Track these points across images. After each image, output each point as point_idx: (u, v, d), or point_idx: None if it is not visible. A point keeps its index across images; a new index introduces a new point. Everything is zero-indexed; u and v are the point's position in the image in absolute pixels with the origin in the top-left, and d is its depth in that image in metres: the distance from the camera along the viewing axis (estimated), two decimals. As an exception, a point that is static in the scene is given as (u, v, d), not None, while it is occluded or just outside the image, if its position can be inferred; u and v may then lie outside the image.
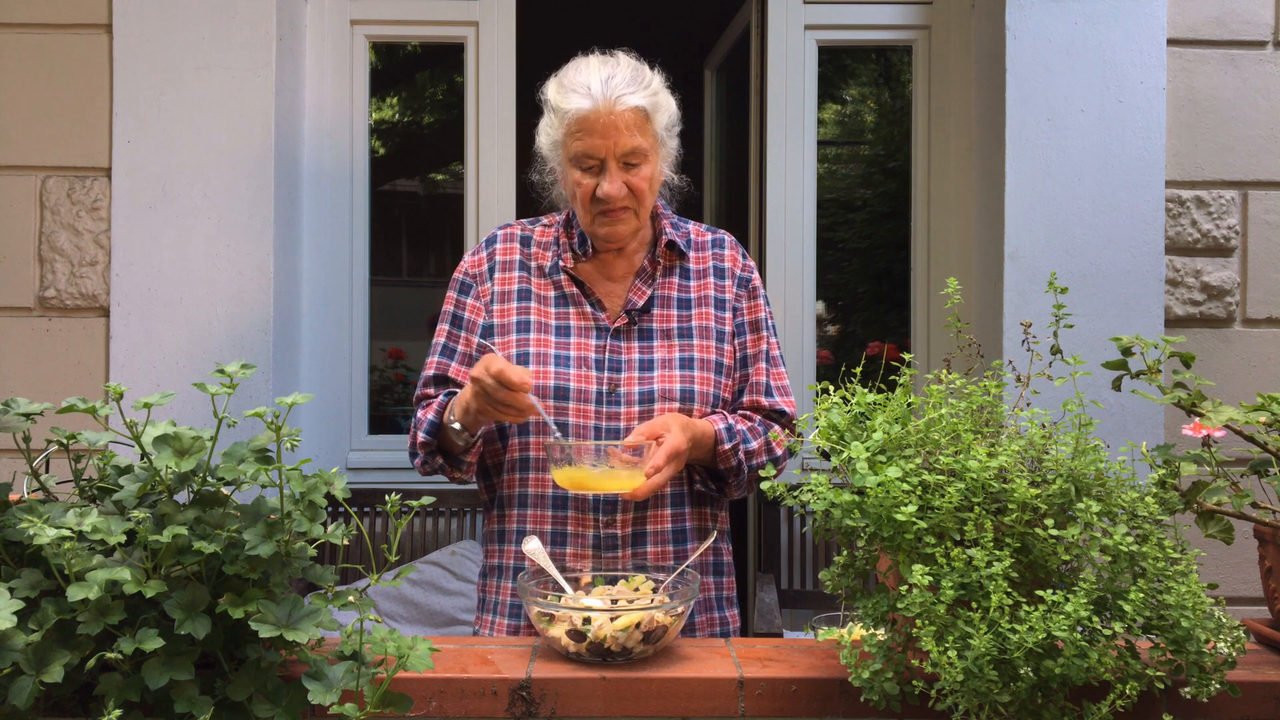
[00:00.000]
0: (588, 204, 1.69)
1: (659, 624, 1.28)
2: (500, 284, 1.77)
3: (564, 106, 1.66)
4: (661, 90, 1.72)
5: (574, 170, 1.69)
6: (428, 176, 6.22)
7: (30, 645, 1.09)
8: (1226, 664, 1.16)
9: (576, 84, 1.66)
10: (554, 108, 1.69)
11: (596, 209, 1.69)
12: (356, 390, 2.94)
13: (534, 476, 1.71)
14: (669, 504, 1.72)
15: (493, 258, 1.79)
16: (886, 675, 1.16)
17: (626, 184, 1.67)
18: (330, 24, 2.89)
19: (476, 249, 1.82)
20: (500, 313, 1.75)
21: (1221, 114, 2.64)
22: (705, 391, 1.73)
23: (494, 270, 1.78)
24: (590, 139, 1.64)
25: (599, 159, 1.66)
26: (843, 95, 4.95)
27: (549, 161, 1.76)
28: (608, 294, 1.77)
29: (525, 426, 1.72)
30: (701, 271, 1.81)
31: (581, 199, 1.69)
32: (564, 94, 1.67)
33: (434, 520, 2.85)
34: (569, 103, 1.65)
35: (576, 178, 1.68)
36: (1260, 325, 2.66)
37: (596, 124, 1.64)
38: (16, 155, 2.55)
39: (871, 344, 3.84)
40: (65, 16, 2.55)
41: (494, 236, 1.82)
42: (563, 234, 1.80)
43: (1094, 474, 1.20)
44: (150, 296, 2.53)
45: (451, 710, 1.23)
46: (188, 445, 1.19)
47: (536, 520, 1.70)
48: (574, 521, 1.69)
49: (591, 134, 1.64)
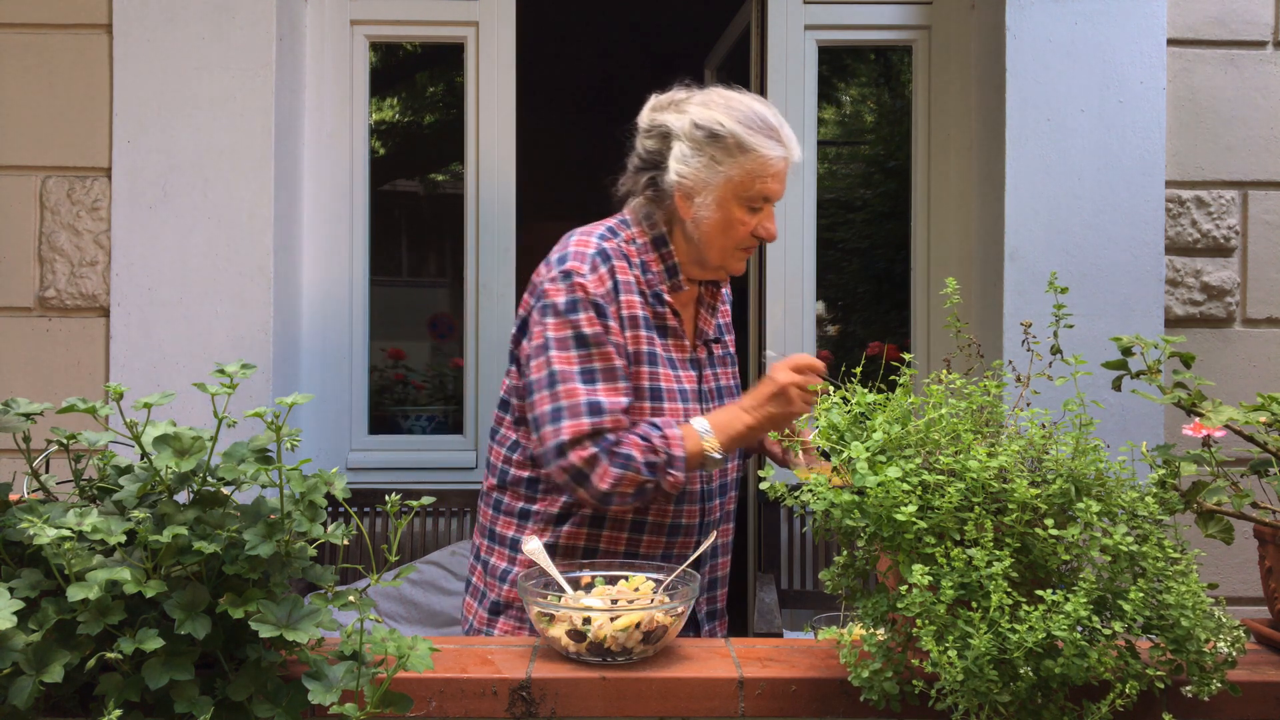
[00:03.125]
0: (741, 241, 1.73)
1: (659, 624, 1.28)
2: (627, 308, 1.70)
3: (762, 150, 1.67)
4: None
5: (740, 208, 1.70)
6: (428, 176, 6.22)
7: (30, 645, 1.09)
8: (1226, 664, 1.16)
9: (759, 124, 1.69)
10: (742, 145, 1.67)
11: (744, 246, 1.74)
12: (356, 390, 2.94)
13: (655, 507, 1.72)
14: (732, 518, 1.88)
15: (614, 276, 1.69)
16: (886, 675, 1.16)
17: None
18: (330, 24, 2.89)
19: (593, 265, 1.68)
20: (634, 340, 1.70)
21: (1221, 114, 2.64)
22: None
23: (619, 291, 1.69)
24: (777, 185, 1.71)
25: (771, 201, 1.72)
26: (843, 95, 4.94)
27: (689, 189, 1.70)
28: (685, 321, 1.82)
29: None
30: (725, 296, 1.91)
31: (740, 238, 1.72)
32: (751, 133, 1.68)
33: (434, 520, 2.85)
34: (767, 148, 1.68)
35: (741, 216, 1.70)
36: (1260, 325, 2.66)
37: (783, 173, 1.71)
38: (16, 155, 2.55)
39: (871, 344, 3.83)
40: (65, 16, 2.55)
41: (605, 253, 1.70)
42: (652, 258, 1.75)
43: (1094, 474, 1.20)
44: (150, 296, 2.53)
45: (451, 710, 1.23)
46: (188, 445, 1.19)
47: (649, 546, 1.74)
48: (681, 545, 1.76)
49: (779, 180, 1.71)
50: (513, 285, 2.95)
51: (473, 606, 1.83)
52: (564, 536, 1.71)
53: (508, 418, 1.79)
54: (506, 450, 1.78)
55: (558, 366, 1.63)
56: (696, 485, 1.76)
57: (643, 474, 1.61)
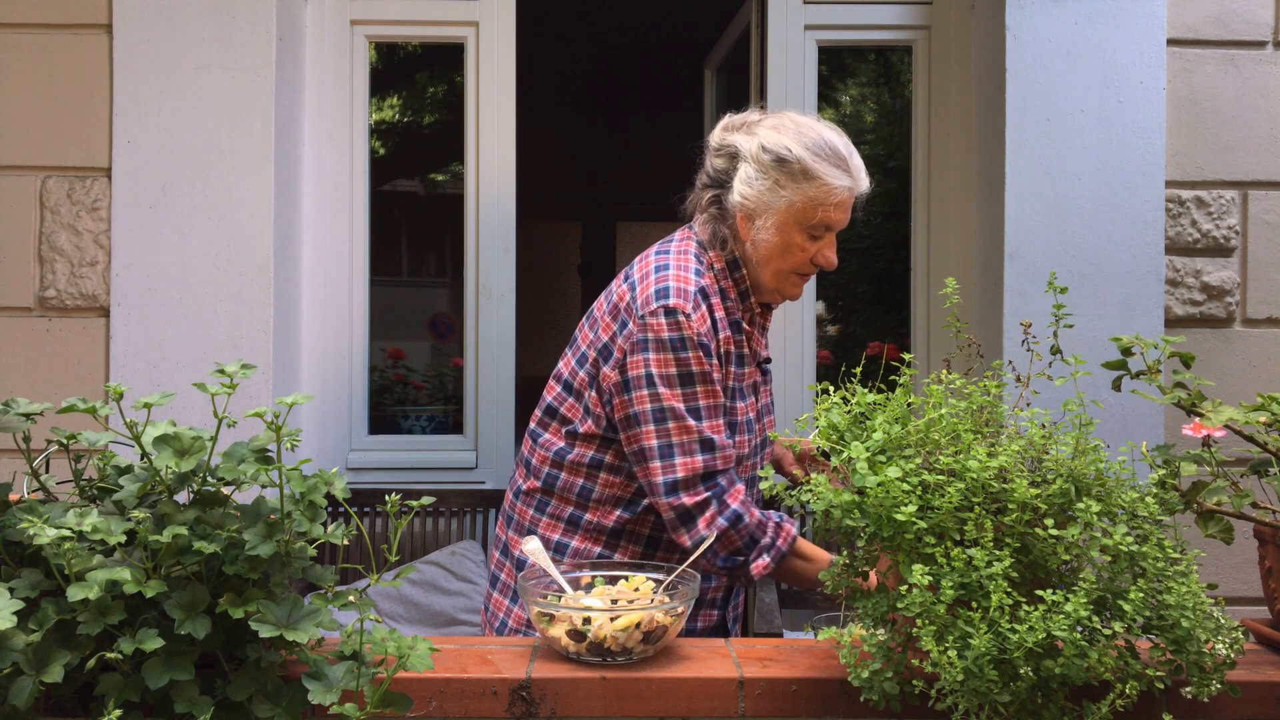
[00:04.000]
0: (799, 266, 1.73)
1: (659, 624, 1.28)
2: (724, 345, 1.71)
3: (827, 179, 1.67)
4: None
5: (800, 234, 1.70)
6: (428, 176, 6.21)
7: (30, 645, 1.09)
8: (1226, 664, 1.16)
9: (828, 152, 1.68)
10: (808, 172, 1.67)
11: (802, 272, 1.74)
12: (356, 390, 2.94)
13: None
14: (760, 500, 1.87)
15: (713, 314, 1.69)
16: (886, 675, 1.16)
17: None
18: (330, 24, 2.89)
19: (695, 303, 1.66)
20: (725, 376, 1.72)
21: (1221, 114, 2.64)
22: None
23: (717, 329, 1.70)
24: (840, 214, 1.70)
25: (832, 230, 1.72)
26: (843, 95, 4.94)
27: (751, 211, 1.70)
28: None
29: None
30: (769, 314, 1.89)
31: (799, 263, 1.72)
32: (818, 161, 1.67)
33: (434, 520, 2.85)
34: (833, 177, 1.67)
35: (801, 242, 1.70)
36: (1260, 325, 2.66)
37: (847, 202, 1.70)
38: (16, 155, 2.55)
39: (871, 344, 3.83)
40: (65, 16, 2.55)
41: (705, 291, 1.69)
42: (729, 284, 1.75)
43: (1094, 474, 1.20)
44: (150, 296, 2.53)
45: (451, 710, 1.23)
46: (188, 445, 1.19)
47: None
48: None
49: (842, 210, 1.70)
50: (513, 285, 2.95)
51: (505, 605, 1.82)
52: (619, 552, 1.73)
53: (554, 424, 1.77)
54: (554, 455, 1.76)
55: (667, 403, 1.63)
56: None
57: (741, 541, 1.64)
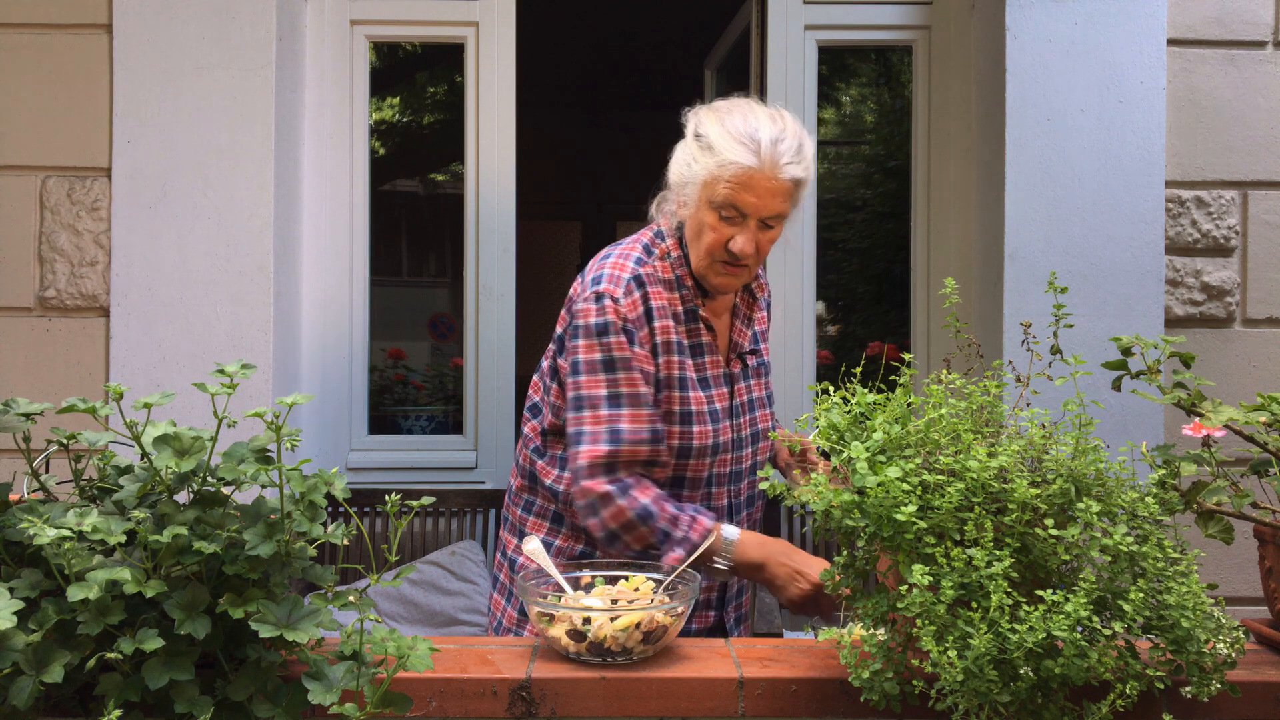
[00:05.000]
0: (715, 252, 1.67)
1: (659, 624, 1.28)
2: (661, 334, 1.69)
3: (726, 155, 1.62)
4: (813, 162, 1.70)
5: (711, 213, 1.65)
6: (428, 176, 6.21)
7: (30, 645, 1.09)
8: (1226, 664, 1.16)
9: (744, 134, 1.62)
10: (711, 147, 1.64)
11: (721, 258, 1.67)
12: (356, 390, 2.94)
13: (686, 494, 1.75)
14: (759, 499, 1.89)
15: (647, 301, 1.69)
16: (886, 675, 1.16)
17: (756, 242, 1.66)
18: (330, 24, 2.89)
19: (627, 289, 1.67)
20: (665, 365, 1.69)
21: (1221, 114, 2.64)
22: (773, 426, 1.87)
23: (651, 317, 1.68)
24: (744, 195, 1.62)
25: (743, 214, 1.64)
26: (843, 95, 4.94)
27: (679, 190, 1.70)
28: (719, 333, 1.79)
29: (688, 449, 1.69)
30: (759, 305, 1.88)
31: (710, 245, 1.66)
32: (728, 140, 1.62)
33: (434, 520, 2.85)
34: (733, 153, 1.61)
35: (711, 222, 1.65)
36: (1260, 325, 2.66)
37: (754, 183, 1.61)
38: (16, 155, 2.55)
39: (871, 344, 3.83)
40: (65, 16, 2.55)
41: (640, 277, 1.69)
42: (685, 272, 1.73)
43: (1094, 474, 1.20)
44: (150, 296, 2.53)
45: (451, 710, 1.23)
46: (188, 445, 1.19)
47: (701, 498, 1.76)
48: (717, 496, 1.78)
49: (747, 190, 1.62)
50: (513, 285, 2.95)
51: (501, 604, 1.83)
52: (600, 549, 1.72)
53: (535, 423, 1.79)
54: (532, 453, 1.78)
55: (585, 391, 1.65)
56: (724, 501, 1.77)
57: (653, 538, 1.62)
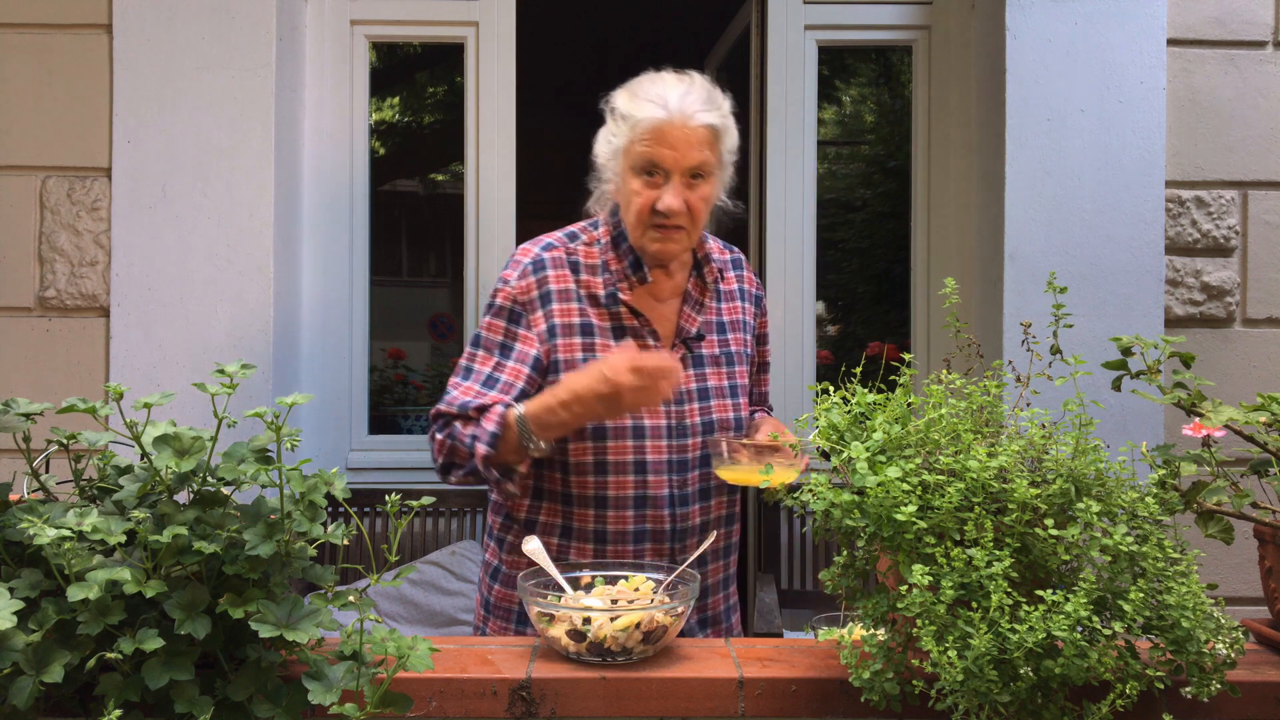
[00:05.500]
0: (644, 216, 1.66)
1: (659, 624, 1.28)
2: (560, 316, 1.69)
3: (636, 114, 1.64)
4: (730, 115, 1.71)
5: (635, 179, 1.66)
6: (428, 176, 6.22)
7: (30, 645, 1.09)
8: (1226, 664, 1.16)
9: (652, 94, 1.65)
10: (623, 115, 1.67)
11: (653, 222, 1.66)
12: (356, 390, 2.94)
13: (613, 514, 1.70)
14: (724, 523, 1.80)
15: (545, 285, 1.70)
16: (886, 675, 1.16)
17: (686, 200, 1.65)
18: (330, 24, 2.89)
19: (523, 272, 1.71)
20: (565, 349, 1.68)
21: (1221, 114, 2.64)
22: (745, 417, 1.80)
23: (549, 299, 1.69)
24: (659, 148, 1.63)
25: (664, 170, 1.64)
26: (843, 95, 4.94)
27: (605, 170, 1.73)
28: (659, 319, 1.76)
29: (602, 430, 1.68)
30: (730, 294, 1.84)
31: (639, 210, 1.66)
32: (637, 103, 1.65)
33: (434, 520, 2.85)
34: (642, 111, 1.63)
35: (636, 187, 1.66)
36: (1260, 325, 2.66)
37: (668, 135, 1.62)
38: (16, 155, 2.55)
39: (871, 344, 3.83)
40: (65, 16, 2.55)
41: (542, 261, 1.72)
42: (612, 257, 1.73)
43: (1094, 474, 1.20)
44: (150, 296, 2.53)
45: (451, 710, 1.23)
46: (188, 445, 1.19)
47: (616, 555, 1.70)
48: (651, 554, 1.71)
49: (662, 143, 1.63)
50: (513, 285, 2.95)
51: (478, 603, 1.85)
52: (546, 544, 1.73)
53: None
54: None
55: (461, 359, 1.75)
56: (664, 490, 1.71)
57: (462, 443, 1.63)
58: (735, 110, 1.74)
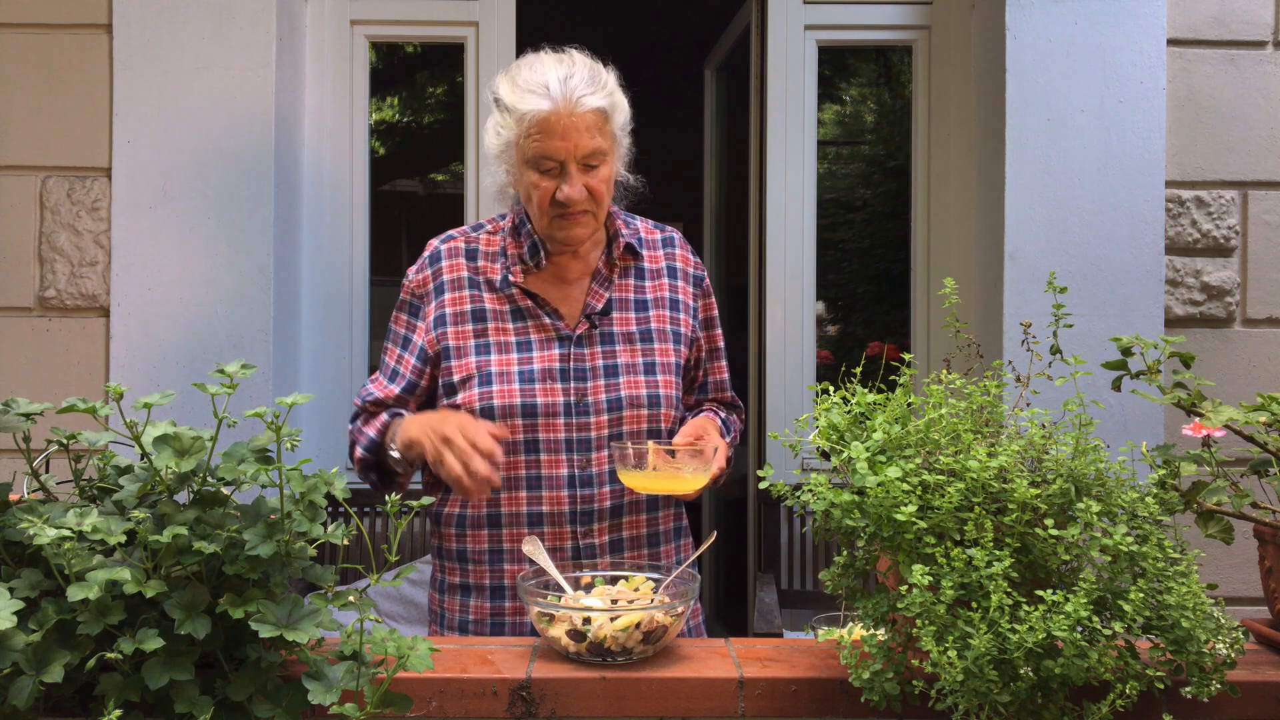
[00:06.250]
0: (546, 207, 1.65)
1: (659, 624, 1.28)
2: (452, 304, 1.71)
3: (520, 107, 1.61)
4: (617, 89, 1.67)
5: (531, 173, 1.64)
6: (428, 176, 6.22)
7: (30, 645, 1.09)
8: (1226, 664, 1.16)
9: (533, 84, 1.61)
10: (508, 108, 1.63)
11: (555, 212, 1.65)
12: (357, 390, 2.93)
13: (506, 495, 1.67)
14: (644, 509, 1.72)
15: (439, 276, 1.74)
16: (887, 675, 1.16)
17: (586, 186, 1.63)
18: (330, 24, 2.89)
19: (420, 266, 1.76)
20: (456, 335, 1.70)
21: (1221, 114, 2.64)
22: (669, 395, 1.73)
23: (442, 290, 1.73)
24: (550, 141, 1.60)
25: (558, 161, 1.62)
26: (843, 95, 4.94)
27: (500, 163, 1.70)
28: (563, 299, 1.73)
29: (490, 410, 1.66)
30: (655, 272, 1.80)
31: (540, 202, 1.65)
32: (519, 94, 1.61)
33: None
34: (526, 104, 1.60)
35: (534, 180, 1.64)
36: (1260, 325, 2.66)
37: (556, 126, 1.59)
38: (16, 155, 2.55)
39: (871, 344, 3.83)
40: (65, 16, 2.55)
41: (438, 253, 1.76)
42: (510, 243, 1.74)
43: (1094, 474, 1.20)
44: (150, 296, 2.53)
45: (451, 710, 1.23)
46: (188, 445, 1.19)
47: (512, 539, 1.67)
48: (551, 536, 1.66)
49: (551, 136, 1.60)
50: (513, 285, 2.95)
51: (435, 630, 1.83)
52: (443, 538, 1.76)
53: None
54: None
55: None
56: (563, 469, 1.66)
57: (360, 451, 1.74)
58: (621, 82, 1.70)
